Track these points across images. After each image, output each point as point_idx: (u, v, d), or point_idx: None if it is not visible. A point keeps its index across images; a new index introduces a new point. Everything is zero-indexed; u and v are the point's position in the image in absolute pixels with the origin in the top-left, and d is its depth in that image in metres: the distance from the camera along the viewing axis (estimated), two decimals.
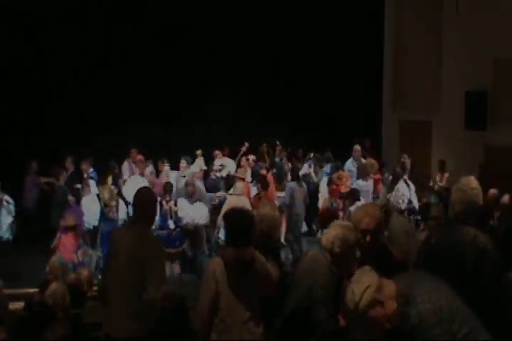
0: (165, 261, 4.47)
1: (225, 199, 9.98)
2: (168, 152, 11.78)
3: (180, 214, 9.02)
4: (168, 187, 9.12)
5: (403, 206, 10.42)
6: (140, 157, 10.89)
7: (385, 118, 14.99)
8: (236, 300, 3.94)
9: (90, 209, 9.24)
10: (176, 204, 9.10)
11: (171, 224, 8.86)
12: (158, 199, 8.66)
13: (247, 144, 12.21)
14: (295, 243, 10.13)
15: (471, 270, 3.68)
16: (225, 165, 11.50)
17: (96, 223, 9.20)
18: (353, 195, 9.13)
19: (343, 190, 9.57)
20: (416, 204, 10.64)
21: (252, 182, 10.81)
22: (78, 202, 9.19)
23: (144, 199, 4.57)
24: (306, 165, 12.31)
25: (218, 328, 3.95)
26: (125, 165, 11.31)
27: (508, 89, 12.21)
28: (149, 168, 10.85)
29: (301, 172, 11.67)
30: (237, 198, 9.08)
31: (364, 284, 2.87)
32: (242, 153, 12.05)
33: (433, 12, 13.66)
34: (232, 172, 11.10)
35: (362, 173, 10.84)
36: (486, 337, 2.85)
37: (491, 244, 3.82)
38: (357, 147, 11.86)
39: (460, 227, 3.92)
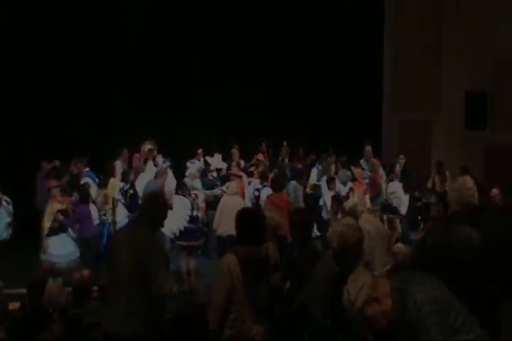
0: (167, 260, 4.50)
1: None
2: (167, 152, 11.79)
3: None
4: (182, 185, 9.26)
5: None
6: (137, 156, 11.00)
7: (385, 118, 14.99)
8: (249, 298, 4.00)
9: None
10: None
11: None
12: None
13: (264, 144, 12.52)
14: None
15: (466, 268, 3.69)
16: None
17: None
18: None
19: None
20: (396, 202, 10.51)
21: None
22: (86, 201, 9.14)
23: (150, 202, 4.61)
24: (314, 170, 11.98)
25: (235, 325, 4.00)
26: (118, 165, 11.28)
27: (508, 89, 12.22)
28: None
29: (311, 181, 11.64)
30: (231, 198, 9.10)
31: (358, 283, 2.89)
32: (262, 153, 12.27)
33: (433, 12, 13.66)
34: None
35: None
36: (478, 331, 2.87)
37: (486, 243, 3.83)
38: (368, 148, 11.94)
39: (455, 226, 3.93)
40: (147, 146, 10.87)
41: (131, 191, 9.73)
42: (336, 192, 10.29)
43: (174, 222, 8.53)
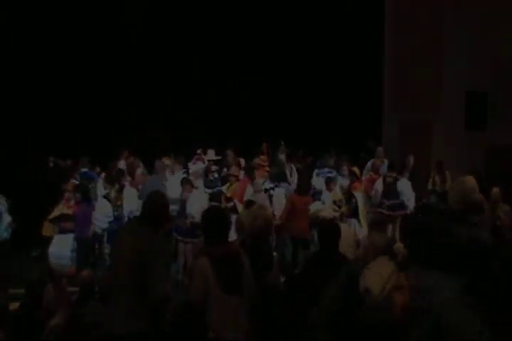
0: (167, 261, 4.48)
1: None
2: (167, 152, 11.80)
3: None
4: (184, 182, 9.38)
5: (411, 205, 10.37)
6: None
7: (385, 119, 14.98)
8: (227, 299, 3.96)
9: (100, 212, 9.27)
10: None
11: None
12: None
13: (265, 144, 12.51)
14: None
15: (466, 269, 3.68)
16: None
17: (105, 226, 9.21)
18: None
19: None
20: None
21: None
22: (89, 200, 9.17)
23: (152, 202, 4.59)
24: (318, 176, 11.92)
25: (213, 327, 3.97)
26: (121, 164, 11.33)
27: (508, 89, 12.21)
28: (140, 169, 10.90)
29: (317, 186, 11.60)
30: (256, 196, 9.08)
31: (389, 268, 2.83)
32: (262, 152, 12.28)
33: (433, 12, 13.66)
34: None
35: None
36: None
37: (487, 243, 3.82)
38: (380, 148, 11.98)
39: (456, 226, 3.92)
40: (165, 162, 10.90)
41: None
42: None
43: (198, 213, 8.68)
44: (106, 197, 9.23)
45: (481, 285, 3.41)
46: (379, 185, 10.37)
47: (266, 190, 10.05)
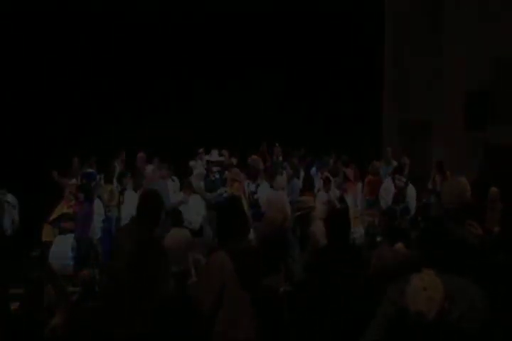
0: (167, 260, 4.49)
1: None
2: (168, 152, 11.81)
3: None
4: (186, 184, 9.44)
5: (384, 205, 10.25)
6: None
7: (385, 119, 14.99)
8: (243, 294, 3.93)
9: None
10: None
11: None
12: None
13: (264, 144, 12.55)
14: None
15: (461, 270, 3.69)
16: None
17: (100, 225, 9.20)
18: None
19: None
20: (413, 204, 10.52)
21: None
22: (91, 200, 9.18)
23: (149, 201, 4.60)
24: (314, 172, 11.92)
25: (225, 324, 3.91)
26: (117, 167, 11.32)
27: (509, 89, 12.21)
28: (150, 166, 10.93)
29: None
30: (276, 193, 9.05)
31: (441, 291, 2.77)
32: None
33: (433, 12, 13.67)
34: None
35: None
36: None
37: (481, 243, 3.83)
38: (389, 148, 11.98)
39: (450, 226, 3.94)
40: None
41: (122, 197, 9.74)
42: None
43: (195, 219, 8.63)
44: (99, 196, 9.24)
45: (481, 285, 3.42)
46: (390, 188, 10.28)
47: (253, 193, 10.09)
